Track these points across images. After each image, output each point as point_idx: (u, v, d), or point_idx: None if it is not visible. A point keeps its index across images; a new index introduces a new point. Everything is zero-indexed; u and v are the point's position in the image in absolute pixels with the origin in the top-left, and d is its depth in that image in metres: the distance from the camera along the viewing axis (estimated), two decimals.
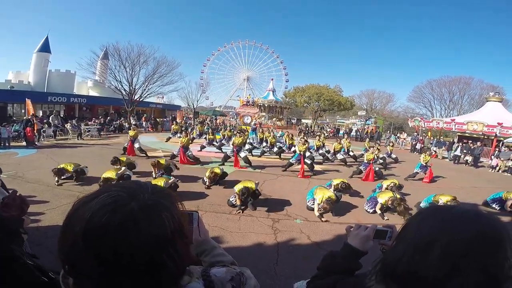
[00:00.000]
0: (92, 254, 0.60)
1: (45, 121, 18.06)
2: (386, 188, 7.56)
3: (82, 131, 17.48)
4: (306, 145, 11.09)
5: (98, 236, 0.60)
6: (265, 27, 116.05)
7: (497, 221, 0.79)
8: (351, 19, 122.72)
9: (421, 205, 7.09)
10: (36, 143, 13.93)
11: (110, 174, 6.87)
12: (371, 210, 6.83)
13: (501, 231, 0.76)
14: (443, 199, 6.73)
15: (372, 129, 34.83)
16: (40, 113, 21.78)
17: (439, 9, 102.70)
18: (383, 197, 6.61)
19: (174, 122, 19.32)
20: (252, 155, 13.35)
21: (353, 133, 33.73)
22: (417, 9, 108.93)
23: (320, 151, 13.93)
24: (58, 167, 7.39)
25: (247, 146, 13.77)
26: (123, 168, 7.62)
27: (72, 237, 0.62)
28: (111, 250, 0.60)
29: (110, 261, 0.60)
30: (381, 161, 12.31)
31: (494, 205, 7.91)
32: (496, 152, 18.77)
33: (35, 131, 14.16)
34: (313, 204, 6.53)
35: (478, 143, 19.25)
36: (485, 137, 22.61)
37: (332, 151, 13.91)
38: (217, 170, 7.98)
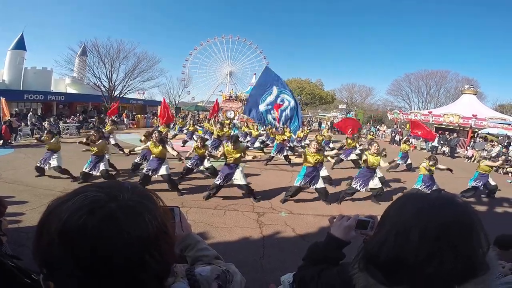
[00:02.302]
0: (70, 256, 0.58)
1: (19, 118, 17.42)
2: None
3: (60, 129, 16.97)
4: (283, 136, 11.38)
5: (75, 238, 0.58)
6: (247, 22, 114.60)
7: (469, 208, 0.83)
8: (331, 14, 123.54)
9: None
10: (13, 142, 13.47)
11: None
12: (363, 189, 6.96)
13: (473, 218, 0.79)
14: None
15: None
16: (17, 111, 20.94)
17: (417, 3, 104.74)
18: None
19: (155, 117, 19.12)
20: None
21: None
22: (396, 4, 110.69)
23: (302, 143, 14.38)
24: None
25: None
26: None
27: (48, 238, 0.60)
28: (88, 252, 0.58)
29: (89, 263, 0.59)
30: (358, 151, 12.53)
31: (467, 194, 8.26)
32: (472, 143, 19.53)
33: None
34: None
35: (455, 134, 19.96)
36: (461, 128, 23.44)
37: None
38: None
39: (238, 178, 6.59)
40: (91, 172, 7.30)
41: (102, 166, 7.35)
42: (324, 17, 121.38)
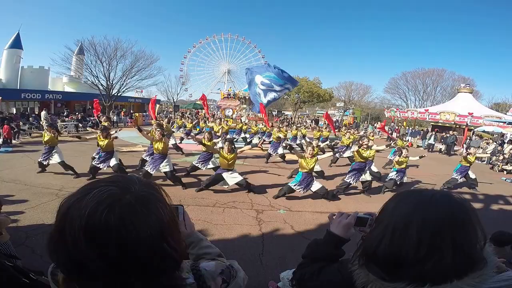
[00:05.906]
0: (97, 252, 0.60)
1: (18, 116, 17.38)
2: None
3: (58, 127, 16.92)
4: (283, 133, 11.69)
5: (101, 233, 0.60)
6: (246, 21, 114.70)
7: (467, 205, 0.83)
8: (330, 13, 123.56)
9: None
10: (14, 141, 13.49)
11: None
12: (355, 183, 7.23)
13: (469, 213, 0.80)
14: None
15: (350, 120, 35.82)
16: (14, 111, 20.83)
17: (415, 2, 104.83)
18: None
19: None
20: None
21: None
22: (394, 3, 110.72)
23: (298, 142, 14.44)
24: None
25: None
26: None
27: (73, 237, 0.60)
28: (115, 245, 0.60)
29: (115, 256, 0.60)
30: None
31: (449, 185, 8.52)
32: (468, 140, 19.67)
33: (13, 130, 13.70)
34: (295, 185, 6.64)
35: (451, 132, 20.13)
36: (457, 126, 23.60)
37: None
38: None
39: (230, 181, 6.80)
40: (99, 166, 7.40)
41: (113, 161, 7.51)
42: (323, 16, 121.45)
